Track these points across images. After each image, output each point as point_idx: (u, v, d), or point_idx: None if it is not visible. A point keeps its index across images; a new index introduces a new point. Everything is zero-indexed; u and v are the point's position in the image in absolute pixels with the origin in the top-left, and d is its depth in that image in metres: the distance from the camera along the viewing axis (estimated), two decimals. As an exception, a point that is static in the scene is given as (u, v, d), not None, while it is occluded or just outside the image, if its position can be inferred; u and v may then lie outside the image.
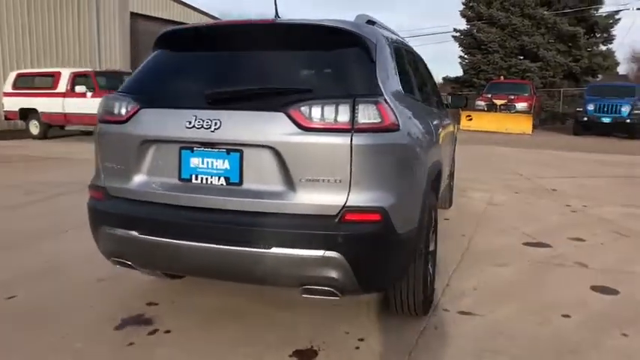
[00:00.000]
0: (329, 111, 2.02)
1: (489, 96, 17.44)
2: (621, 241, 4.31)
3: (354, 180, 2.02)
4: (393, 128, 2.11)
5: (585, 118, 15.06)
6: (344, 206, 2.03)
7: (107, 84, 12.33)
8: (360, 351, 2.42)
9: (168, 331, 2.59)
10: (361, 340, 2.52)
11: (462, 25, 24.87)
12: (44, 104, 12.48)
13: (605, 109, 14.77)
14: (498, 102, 17.04)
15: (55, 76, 12.59)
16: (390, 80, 2.33)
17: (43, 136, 12.77)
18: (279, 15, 2.69)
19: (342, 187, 2.03)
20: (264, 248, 2.05)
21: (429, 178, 2.58)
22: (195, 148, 2.20)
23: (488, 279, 3.38)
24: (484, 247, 4.06)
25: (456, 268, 3.54)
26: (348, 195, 2.03)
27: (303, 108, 2.03)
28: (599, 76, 23.27)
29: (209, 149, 2.17)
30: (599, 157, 10.44)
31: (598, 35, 22.79)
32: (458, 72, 24.99)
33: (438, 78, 21.31)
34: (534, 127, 16.42)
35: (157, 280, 3.19)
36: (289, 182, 2.07)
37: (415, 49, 3.84)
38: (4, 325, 2.63)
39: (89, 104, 11.79)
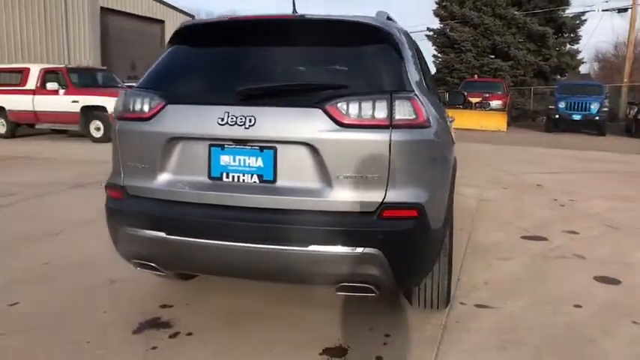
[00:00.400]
0: (366, 107, 2.02)
1: (465, 94, 17.74)
2: (612, 234, 4.47)
3: (391, 176, 2.03)
4: (426, 125, 2.13)
5: (557, 116, 15.56)
6: (382, 203, 2.03)
7: (80, 81, 11.97)
8: (388, 347, 2.43)
9: (190, 334, 2.53)
10: (387, 335, 2.53)
11: (436, 24, 25.33)
12: (12, 102, 12.00)
13: (576, 107, 15.30)
14: (473, 100, 17.37)
15: (23, 73, 12.12)
16: (416, 77, 2.34)
17: (11, 135, 12.28)
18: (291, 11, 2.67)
19: (380, 183, 2.03)
20: (302, 246, 2.03)
21: (453, 173, 2.61)
22: (226, 146, 2.15)
23: (496, 272, 3.45)
24: (484, 242, 4.15)
25: (462, 262, 3.60)
26: (386, 191, 2.03)
27: (339, 104, 2.02)
28: (566, 74, 24.09)
29: (241, 146, 2.13)
30: (574, 153, 10.81)
31: (566, 35, 23.60)
32: (431, 70, 25.36)
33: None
34: (507, 124, 16.85)
35: (166, 281, 3.12)
36: (326, 179, 2.05)
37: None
38: (10, 336, 2.50)
39: (61, 102, 11.44)
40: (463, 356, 2.37)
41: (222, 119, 2.09)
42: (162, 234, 2.19)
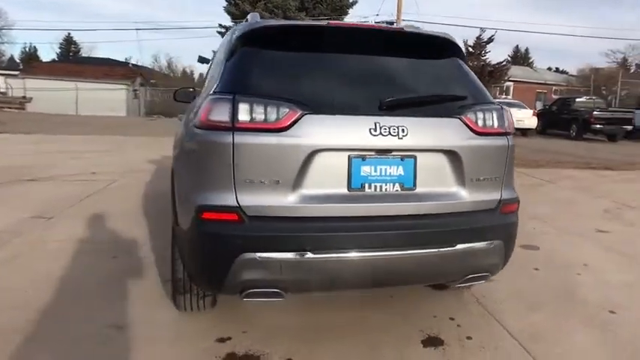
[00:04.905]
0: (489, 116, 2.31)
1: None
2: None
3: (505, 176, 2.37)
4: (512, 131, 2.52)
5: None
6: (500, 200, 2.36)
7: None
8: (463, 328, 2.74)
9: None
10: (452, 319, 2.85)
11: (228, 21, 25.62)
12: None
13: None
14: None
15: None
16: None
17: None
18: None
19: (499, 183, 2.38)
20: (451, 247, 2.20)
21: None
22: (367, 156, 2.12)
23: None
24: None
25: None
26: (502, 189, 2.37)
27: (470, 114, 2.25)
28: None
29: (383, 156, 2.15)
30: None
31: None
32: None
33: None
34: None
35: (181, 314, 2.73)
36: (462, 183, 2.27)
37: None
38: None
39: None
40: (516, 322, 2.85)
41: (375, 130, 2.07)
42: (307, 254, 2.01)
